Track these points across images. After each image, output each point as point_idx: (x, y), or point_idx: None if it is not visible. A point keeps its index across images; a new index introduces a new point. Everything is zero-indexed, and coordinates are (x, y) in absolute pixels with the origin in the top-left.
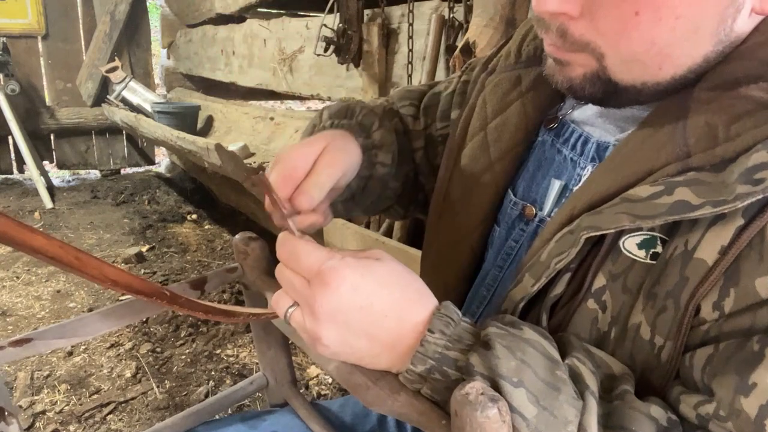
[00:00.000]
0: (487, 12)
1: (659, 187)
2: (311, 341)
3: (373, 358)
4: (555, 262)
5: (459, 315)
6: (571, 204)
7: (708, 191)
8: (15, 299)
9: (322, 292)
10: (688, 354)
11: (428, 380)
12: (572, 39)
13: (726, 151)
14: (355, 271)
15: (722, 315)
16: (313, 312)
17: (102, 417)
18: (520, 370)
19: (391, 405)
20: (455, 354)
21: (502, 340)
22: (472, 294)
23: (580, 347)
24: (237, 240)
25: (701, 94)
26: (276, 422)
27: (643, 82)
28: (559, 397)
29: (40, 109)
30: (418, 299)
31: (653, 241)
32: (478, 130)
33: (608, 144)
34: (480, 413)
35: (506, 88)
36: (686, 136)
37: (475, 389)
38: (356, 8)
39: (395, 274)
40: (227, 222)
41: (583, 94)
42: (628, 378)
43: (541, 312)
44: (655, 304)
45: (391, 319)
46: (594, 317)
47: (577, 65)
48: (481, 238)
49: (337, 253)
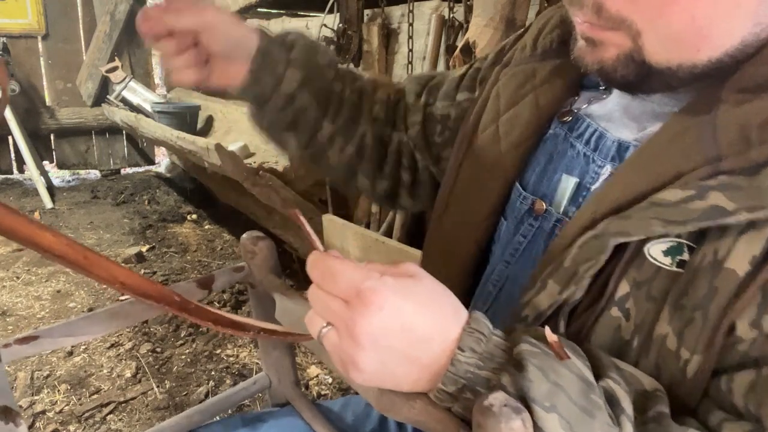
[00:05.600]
0: (487, 12)
1: (690, 191)
2: (346, 365)
3: (413, 384)
4: (584, 269)
5: (490, 329)
6: (593, 206)
7: (743, 196)
8: (15, 299)
9: (363, 314)
10: (724, 377)
11: (459, 399)
12: (608, 15)
13: (760, 155)
14: (396, 293)
15: (761, 334)
16: (353, 335)
17: (102, 417)
18: (554, 394)
19: (407, 412)
20: (487, 373)
21: (535, 359)
22: (478, 291)
23: (611, 364)
24: (244, 239)
25: (729, 95)
26: (277, 423)
27: (679, 63)
28: (594, 424)
29: (40, 109)
30: (453, 315)
31: (680, 248)
32: (490, 122)
33: (629, 144)
34: (504, 425)
35: (520, 80)
36: (717, 139)
37: (498, 400)
38: (356, 8)
39: (434, 292)
40: (227, 222)
41: (615, 76)
42: (661, 396)
43: (559, 318)
44: (682, 316)
45: (436, 342)
46: (617, 325)
47: (611, 45)
48: (486, 233)
49: (373, 272)
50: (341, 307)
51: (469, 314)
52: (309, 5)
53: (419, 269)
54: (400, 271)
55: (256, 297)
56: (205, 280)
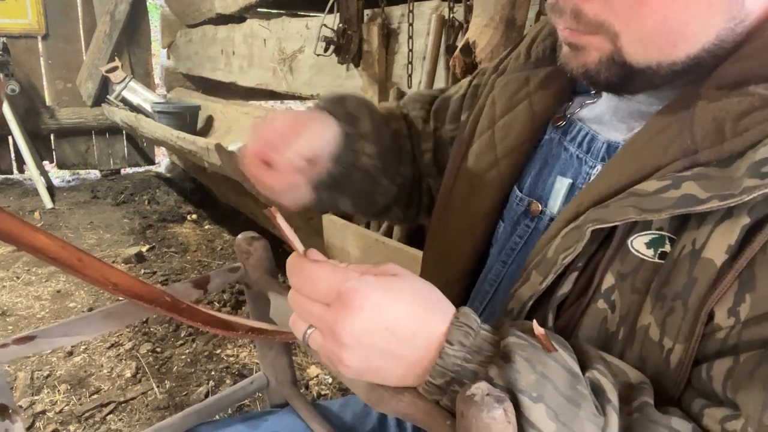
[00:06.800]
0: (487, 12)
1: (666, 181)
2: (333, 363)
3: (400, 378)
4: (562, 258)
5: (478, 323)
6: (577, 201)
7: (715, 185)
8: (15, 299)
9: (345, 315)
10: (704, 365)
11: (447, 392)
12: (586, 20)
13: (734, 147)
14: (376, 291)
15: (738, 321)
16: (336, 336)
17: (102, 417)
18: (540, 384)
19: (395, 405)
20: (474, 366)
21: (523, 351)
22: (475, 290)
23: (598, 357)
24: (239, 239)
25: (708, 92)
26: (277, 423)
27: (658, 62)
28: (580, 414)
29: (40, 109)
30: (439, 311)
31: (661, 240)
32: (485, 129)
33: (618, 144)
34: (486, 414)
35: (515, 88)
36: (694, 133)
37: (480, 390)
38: (356, 8)
39: (416, 289)
40: (227, 222)
41: (599, 79)
42: (646, 388)
43: (547, 311)
44: (663, 305)
45: (419, 337)
46: (603, 317)
47: (592, 49)
48: (484, 234)
49: (353, 272)
50: (322, 311)
51: (457, 309)
52: (309, 5)
53: (400, 268)
54: (381, 270)
55: (252, 297)
56: (201, 281)
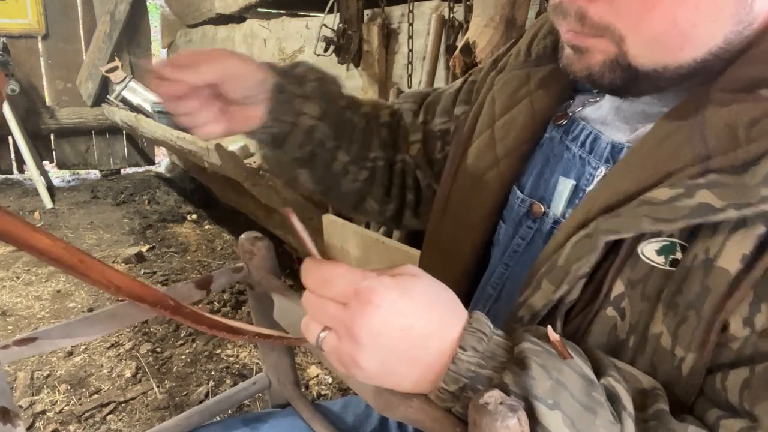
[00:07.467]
0: (487, 12)
1: (679, 189)
2: (347, 365)
3: (414, 384)
4: (576, 268)
5: (491, 328)
6: (586, 206)
7: (730, 194)
8: (15, 299)
9: (362, 312)
10: (718, 374)
11: (461, 398)
12: (591, 23)
13: (748, 154)
14: (393, 291)
15: (754, 332)
16: (352, 334)
17: (102, 417)
18: (556, 391)
19: (404, 411)
20: (489, 372)
21: (538, 357)
22: (478, 293)
23: (610, 363)
24: (243, 239)
25: (717, 95)
26: (278, 423)
27: (665, 65)
28: (596, 421)
29: (40, 109)
30: (453, 315)
31: (672, 247)
32: (485, 128)
33: (623, 145)
34: (500, 423)
35: (515, 86)
36: (705, 138)
37: (494, 398)
38: (356, 8)
39: (432, 291)
40: (227, 222)
41: (602, 82)
42: (660, 394)
43: (556, 318)
44: (676, 314)
45: (434, 341)
46: (613, 325)
47: (597, 51)
48: (484, 235)
49: (370, 272)
50: (338, 310)
51: (470, 314)
52: (309, 5)
53: (418, 269)
54: (399, 271)
55: (255, 297)
56: (204, 281)
